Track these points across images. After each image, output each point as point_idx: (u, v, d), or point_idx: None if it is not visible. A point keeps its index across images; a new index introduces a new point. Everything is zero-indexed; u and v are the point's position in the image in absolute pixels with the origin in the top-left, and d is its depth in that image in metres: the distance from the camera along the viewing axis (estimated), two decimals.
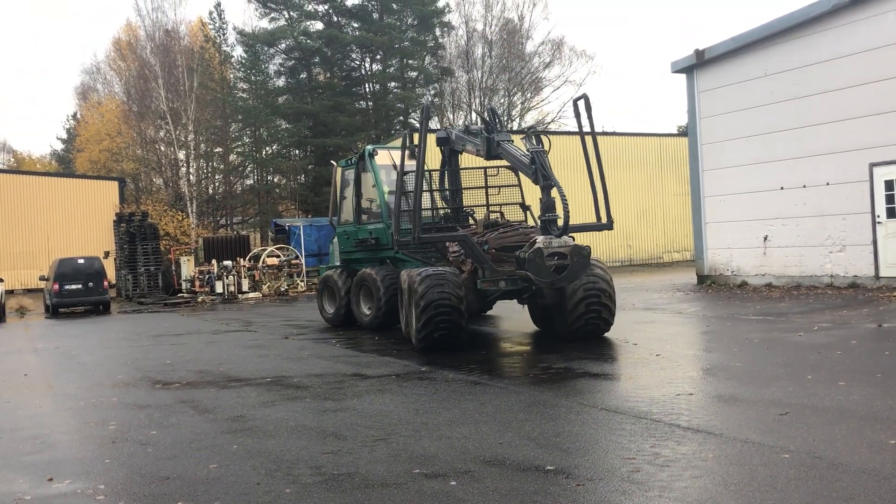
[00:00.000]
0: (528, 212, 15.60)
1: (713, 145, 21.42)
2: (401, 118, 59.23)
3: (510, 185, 15.97)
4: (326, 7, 58.95)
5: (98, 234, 39.89)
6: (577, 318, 12.30)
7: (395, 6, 58.97)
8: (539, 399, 8.17)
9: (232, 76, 56.99)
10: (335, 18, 59.05)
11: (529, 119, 62.08)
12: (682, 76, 22.34)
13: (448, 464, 5.99)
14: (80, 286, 26.94)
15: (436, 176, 16.50)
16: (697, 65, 21.59)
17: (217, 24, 55.95)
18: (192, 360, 13.14)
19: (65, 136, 79.99)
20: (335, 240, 18.17)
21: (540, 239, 11.15)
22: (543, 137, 12.40)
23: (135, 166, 54.23)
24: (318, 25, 59.04)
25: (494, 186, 15.80)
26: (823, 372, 8.75)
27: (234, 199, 54.29)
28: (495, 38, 59.89)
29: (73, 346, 16.52)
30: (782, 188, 19.47)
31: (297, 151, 55.86)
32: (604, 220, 12.86)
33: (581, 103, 13.49)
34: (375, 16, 58.98)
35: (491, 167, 15.91)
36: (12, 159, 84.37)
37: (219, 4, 59.65)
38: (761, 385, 8.23)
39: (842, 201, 18.16)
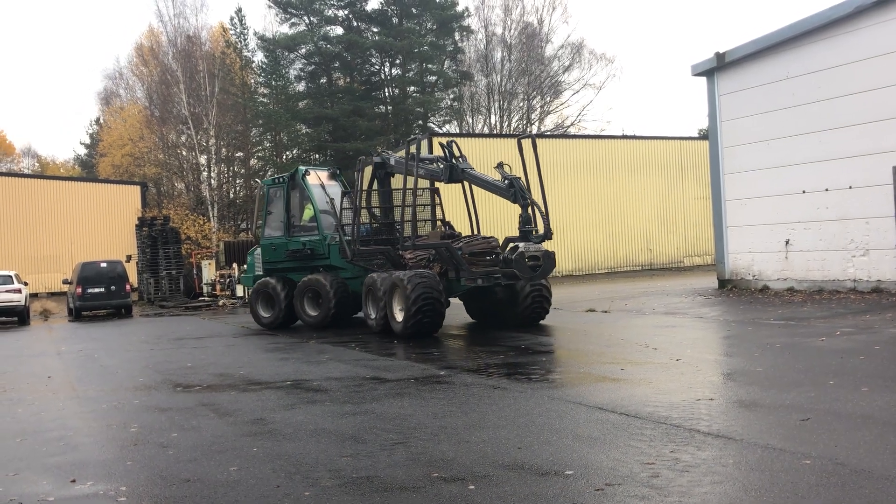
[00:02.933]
0: (446, 226, 18.03)
1: (734, 148, 21.27)
2: (420, 122, 59.31)
3: (432, 204, 18.68)
4: (346, 12, 59.22)
5: (120, 238, 40.27)
6: (525, 308, 15.82)
7: (414, 11, 59.13)
8: (558, 403, 8.15)
9: (252, 81, 57.37)
10: (355, 23, 59.30)
11: (549, 122, 62.00)
12: (703, 79, 22.21)
13: (467, 468, 5.99)
14: (102, 290, 27.22)
15: (373, 196, 18.65)
16: (718, 68, 21.47)
17: (238, 30, 56.36)
18: (212, 363, 13.22)
19: (88, 140, 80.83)
20: (257, 251, 19.81)
21: (522, 245, 14.34)
22: (506, 167, 15.42)
23: (157, 171, 54.70)
24: (338, 30, 59.34)
25: (420, 205, 18.19)
26: (846, 377, 8.67)
27: (254, 203, 54.61)
28: (514, 41, 59.87)
29: (95, 349, 16.69)
30: (804, 192, 19.31)
31: (318, 156, 56.13)
32: (541, 230, 14.90)
33: (528, 142, 16.10)
34: (395, 20, 59.17)
35: (422, 188, 18.33)
36: (37, 164, 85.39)
37: (240, 10, 60.28)
38: (782, 390, 8.16)
39: (865, 205, 17.97)
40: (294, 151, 57.29)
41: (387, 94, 60.79)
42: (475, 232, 17.57)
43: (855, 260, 18.28)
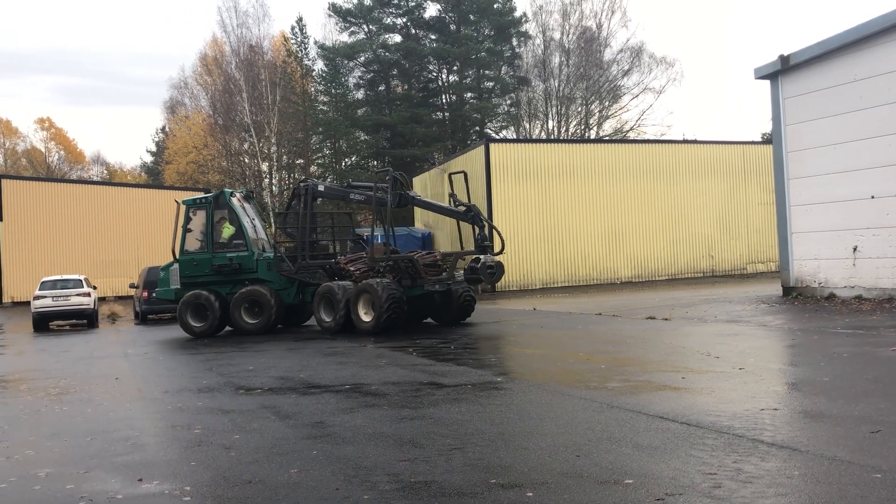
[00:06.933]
0: (359, 243, 21.76)
1: (799, 153, 20.78)
2: (477, 128, 59.38)
3: (345, 226, 23.00)
4: (405, 20, 59.68)
5: None
6: (458, 307, 19.16)
7: (472, 17, 59.27)
8: (618, 411, 8.07)
9: (313, 89, 58.22)
10: (413, 31, 59.70)
11: (608, 127, 61.41)
12: (767, 82, 21.75)
13: (524, 475, 5.97)
14: None
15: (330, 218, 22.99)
16: (782, 71, 21.01)
17: (299, 39, 57.30)
18: (273, 366, 13.43)
19: (154, 148, 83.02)
20: (174, 267, 21.08)
21: (483, 257, 17.78)
22: (455, 197, 19.04)
23: (220, 178, 55.90)
24: (397, 38, 59.83)
25: (338, 226, 22.99)
26: None
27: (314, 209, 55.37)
28: (573, 46, 59.53)
29: (160, 352, 17.12)
30: (873, 197, 18.75)
31: (375, 163, 56.68)
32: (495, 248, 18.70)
33: (459, 177, 20.00)
34: (453, 27, 59.40)
35: (337, 212, 23.96)
36: (105, 171, 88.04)
37: (301, 19, 61.19)
38: (850, 401, 7.94)
39: None
40: (353, 158, 57.93)
41: (444, 100, 61.03)
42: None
43: None
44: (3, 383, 13.34)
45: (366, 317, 17.90)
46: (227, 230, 20.87)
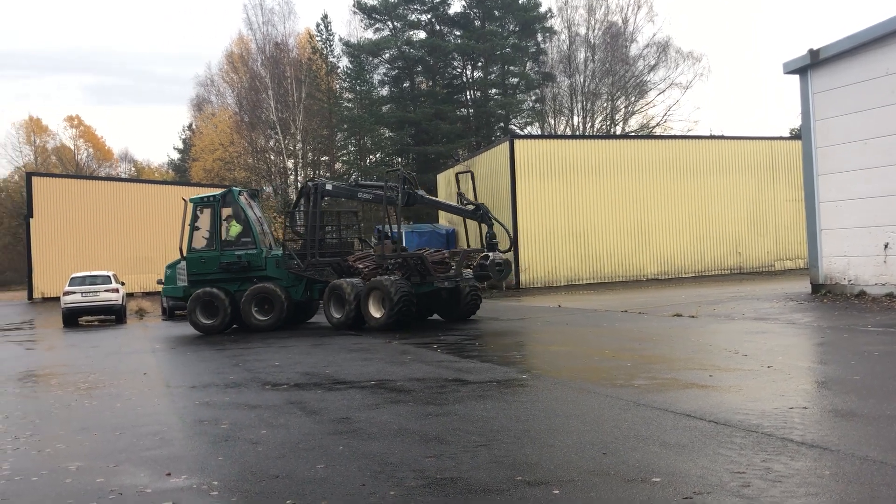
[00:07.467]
0: (363, 241, 22.83)
1: (829, 148, 20.50)
2: (501, 125, 59.26)
3: (351, 225, 23.65)
4: (429, 16, 59.68)
5: None
6: (466, 304, 19.56)
7: (496, 13, 59.13)
8: (644, 409, 8.01)
9: (338, 86, 58.38)
10: (437, 27, 59.69)
11: (634, 123, 61.01)
12: (796, 77, 21.48)
13: (551, 472, 5.95)
14: None
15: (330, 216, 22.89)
16: (812, 65, 20.73)
17: (324, 36, 57.47)
18: (299, 362, 13.50)
19: (181, 146, 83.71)
20: (180, 264, 21.30)
21: (492, 255, 18.45)
22: (462, 196, 19.79)
23: (246, 175, 56.28)
24: (421, 34, 59.85)
25: (346, 226, 23.79)
26: None
27: (339, 205, 55.65)
28: (598, 41, 59.19)
29: (187, 347, 17.27)
30: None
31: (400, 159, 56.78)
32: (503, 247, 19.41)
33: (467, 176, 20.52)
34: (477, 23, 59.30)
35: (343, 210, 24.32)
36: (133, 169, 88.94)
37: (326, 17, 61.37)
38: (882, 400, 7.82)
39: None
40: (377, 155, 58.03)
41: (469, 96, 60.99)
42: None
43: None
44: (34, 378, 13.54)
45: (376, 313, 18.24)
46: (235, 228, 21.05)
